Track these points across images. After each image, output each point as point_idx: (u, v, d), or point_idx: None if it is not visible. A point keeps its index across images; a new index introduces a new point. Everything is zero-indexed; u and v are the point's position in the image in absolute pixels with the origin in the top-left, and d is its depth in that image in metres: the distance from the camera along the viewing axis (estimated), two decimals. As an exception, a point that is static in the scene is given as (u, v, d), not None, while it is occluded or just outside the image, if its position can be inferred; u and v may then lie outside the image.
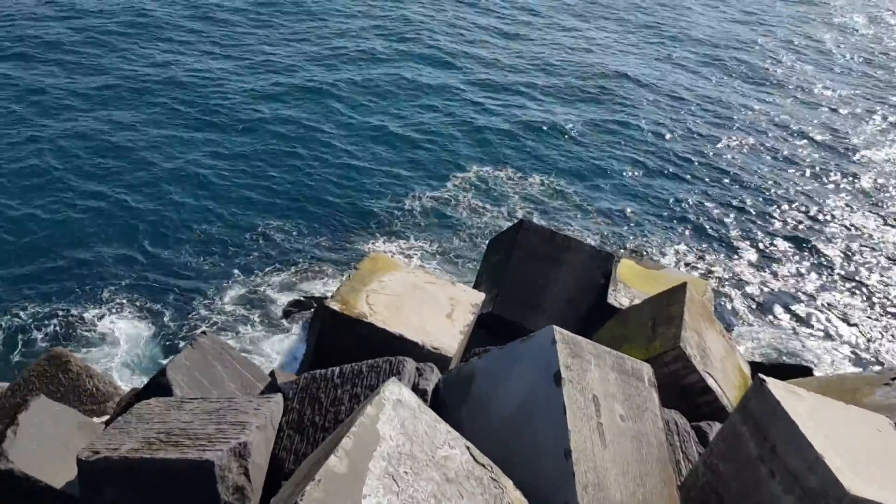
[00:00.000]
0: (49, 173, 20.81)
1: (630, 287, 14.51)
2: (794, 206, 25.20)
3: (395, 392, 5.71)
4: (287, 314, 17.58)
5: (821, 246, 23.46)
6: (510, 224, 22.01)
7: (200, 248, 19.45)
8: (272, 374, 11.01)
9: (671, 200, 24.45)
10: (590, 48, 34.63)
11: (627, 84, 31.50)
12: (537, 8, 38.45)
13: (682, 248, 22.48)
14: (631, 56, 34.48)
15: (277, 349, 16.78)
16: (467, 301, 12.86)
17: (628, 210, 23.65)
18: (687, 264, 21.74)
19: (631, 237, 22.46)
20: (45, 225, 19.12)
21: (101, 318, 16.91)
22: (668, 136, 28.03)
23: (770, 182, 26.18)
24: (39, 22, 28.34)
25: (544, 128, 27.28)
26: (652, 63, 34.05)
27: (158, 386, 9.51)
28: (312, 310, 17.17)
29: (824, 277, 22.17)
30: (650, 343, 11.11)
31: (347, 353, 11.05)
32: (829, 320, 20.50)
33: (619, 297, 14.15)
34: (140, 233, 19.55)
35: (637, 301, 13.85)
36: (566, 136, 26.96)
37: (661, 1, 42.68)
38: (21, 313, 16.64)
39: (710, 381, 10.43)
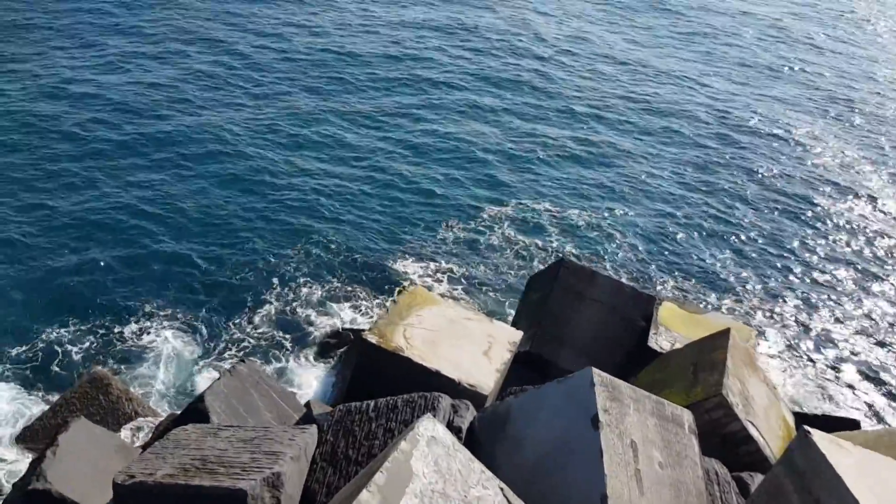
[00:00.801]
0: (93, 188, 21.36)
1: (672, 330, 14.30)
2: (845, 254, 24.67)
3: (430, 428, 5.67)
4: (325, 345, 17.67)
5: (872, 295, 22.87)
6: (547, 259, 21.96)
7: (240, 266, 19.73)
8: (308, 404, 11.05)
9: (717, 242, 24.10)
10: (636, 81, 34.54)
11: (672, 119, 31.28)
12: (583, 35, 38.58)
13: (727, 292, 22.08)
14: (674, 87, 34.30)
15: (313, 377, 16.82)
16: (505, 339, 12.79)
17: (672, 250, 23.35)
18: (731, 309, 21.33)
19: (674, 279, 22.15)
20: (88, 239, 19.60)
21: (140, 334, 17.17)
22: (717, 176, 27.71)
23: (823, 229, 25.69)
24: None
25: (584, 161, 27.17)
26: (700, 94, 33.83)
27: (196, 412, 9.62)
28: (350, 341, 17.23)
29: (876, 328, 21.57)
30: (691, 389, 10.90)
31: (383, 386, 11.04)
32: (879, 372, 19.89)
33: (660, 341, 13.94)
34: (181, 249, 19.92)
35: (678, 345, 13.63)
36: (607, 171, 26.82)
37: (707, 26, 42.54)
38: (62, 329, 16.95)
39: (752, 431, 10.18)
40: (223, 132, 25.33)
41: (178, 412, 12.63)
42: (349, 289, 19.66)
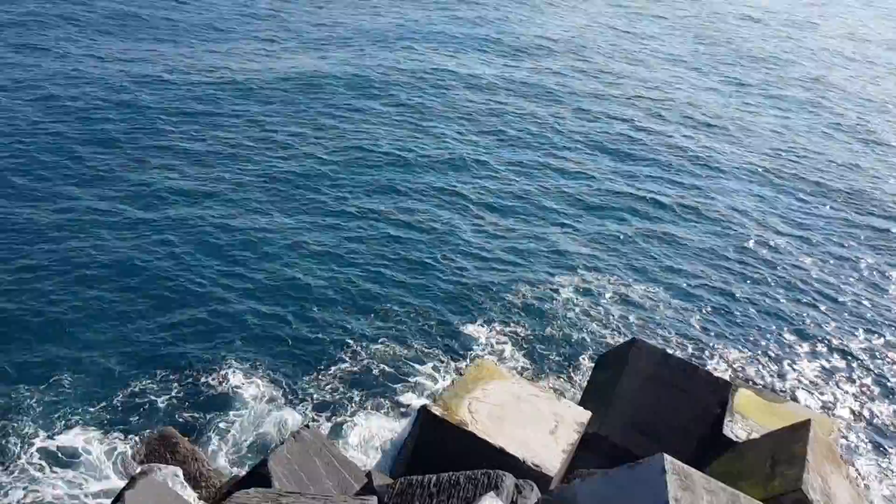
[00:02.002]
0: (178, 245, 22.22)
1: (748, 419, 13.72)
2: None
3: (493, 509, 5.52)
4: (392, 412, 17.63)
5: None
6: (616, 334, 21.48)
7: (316, 324, 20.12)
8: (369, 474, 10.95)
9: (798, 326, 23.18)
10: (718, 144, 34.13)
11: (753, 189, 30.62)
12: (668, 94, 38.52)
13: (808, 380, 21.12)
14: (759, 151, 33.74)
15: (377, 444, 16.72)
16: (572, 419, 12.50)
17: (749, 333, 22.55)
18: (812, 399, 20.37)
19: (750, 363, 21.35)
20: (172, 294, 20.35)
21: (216, 387, 17.47)
22: (796, 258, 26.88)
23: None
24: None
25: (659, 236, 26.62)
26: (789, 161, 33.15)
27: (258, 476, 9.65)
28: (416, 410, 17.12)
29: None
30: (769, 482, 10.38)
31: (445, 459, 10.87)
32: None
33: (736, 430, 13.38)
34: (260, 305, 20.50)
35: (755, 435, 13.07)
36: (682, 247, 26.25)
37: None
38: (144, 380, 17.41)
39: (835, 532, 9.58)
40: (299, 194, 26.14)
41: (242, 474, 12.70)
42: (421, 351, 19.73)
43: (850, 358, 22.31)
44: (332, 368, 18.78)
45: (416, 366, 19.25)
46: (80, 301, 19.62)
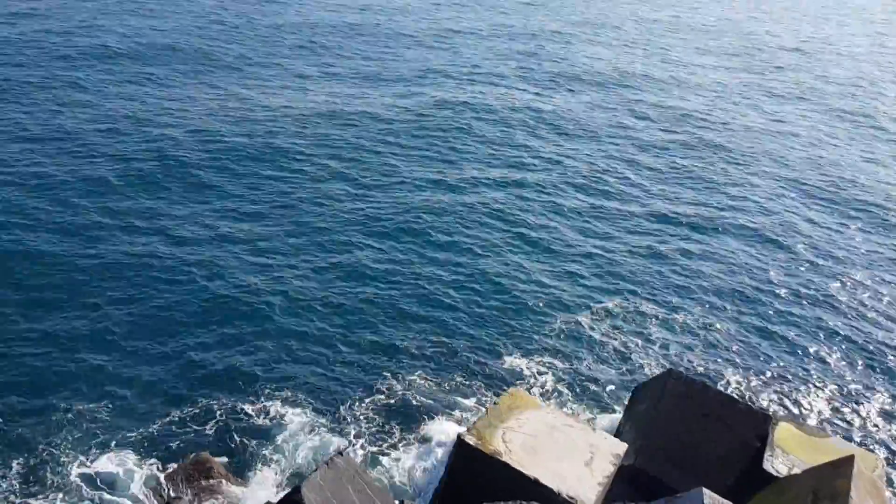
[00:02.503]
0: (219, 270, 22.65)
1: (789, 453, 13.40)
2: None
3: (527, 541, 5.45)
4: (426, 441, 17.57)
5: None
6: (653, 364, 21.19)
7: (355, 352, 20.36)
8: (401, 503, 10.91)
9: (840, 359, 22.61)
10: (752, 172, 33.78)
11: (794, 215, 30.21)
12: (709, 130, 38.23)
13: (852, 415, 20.58)
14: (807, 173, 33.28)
15: (410, 473, 16.67)
16: (608, 450, 12.34)
17: (789, 364, 22.03)
18: (855, 433, 19.82)
19: (791, 396, 20.87)
20: (214, 321, 20.73)
21: (255, 414, 17.68)
22: (837, 287, 26.26)
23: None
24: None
25: (695, 264, 26.34)
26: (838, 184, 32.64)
27: (292, 503, 9.65)
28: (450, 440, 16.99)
29: None
30: (811, 519, 10.11)
31: (479, 489, 10.80)
32: None
33: (777, 464, 13.07)
34: (300, 331, 20.78)
35: (797, 470, 12.76)
36: (717, 276, 25.92)
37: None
38: (185, 403, 17.68)
39: (881, 573, 9.27)
40: (335, 219, 26.42)
41: (276, 500, 12.70)
42: (458, 382, 19.70)
43: (895, 392, 21.72)
44: (370, 396, 18.84)
45: (455, 397, 19.22)
46: (118, 328, 19.96)
